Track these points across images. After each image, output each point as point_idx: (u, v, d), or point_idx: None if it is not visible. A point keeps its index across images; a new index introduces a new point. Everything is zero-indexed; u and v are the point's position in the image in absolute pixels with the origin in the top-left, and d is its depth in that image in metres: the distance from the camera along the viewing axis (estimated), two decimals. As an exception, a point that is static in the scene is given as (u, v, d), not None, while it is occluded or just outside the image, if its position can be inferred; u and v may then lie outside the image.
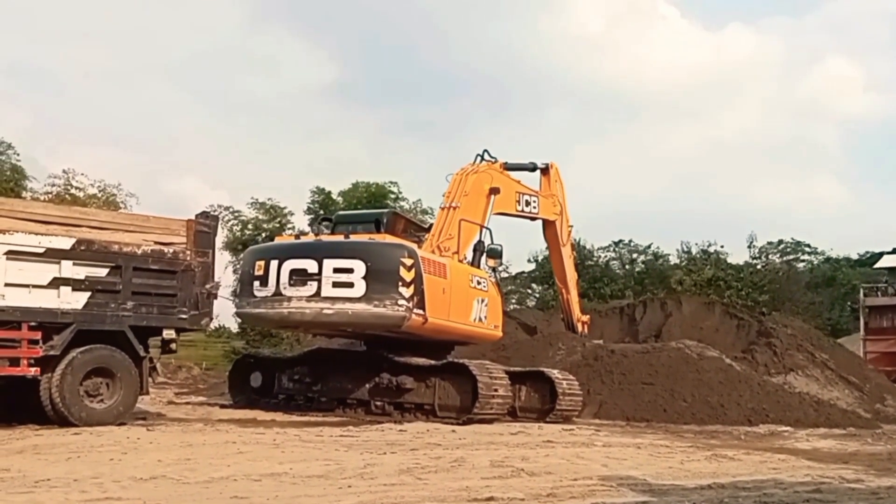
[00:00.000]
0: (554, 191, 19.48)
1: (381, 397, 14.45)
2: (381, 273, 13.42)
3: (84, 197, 30.82)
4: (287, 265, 13.77)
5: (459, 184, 16.51)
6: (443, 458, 8.96)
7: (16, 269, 10.31)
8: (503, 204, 17.23)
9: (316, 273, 13.52)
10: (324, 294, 13.46)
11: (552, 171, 19.53)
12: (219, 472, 7.39)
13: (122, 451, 8.61)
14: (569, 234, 20.50)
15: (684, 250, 37.70)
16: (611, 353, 17.82)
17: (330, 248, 14.03)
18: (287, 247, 14.77)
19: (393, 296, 13.34)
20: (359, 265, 13.41)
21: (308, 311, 13.62)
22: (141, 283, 11.27)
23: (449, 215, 16.05)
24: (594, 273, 36.01)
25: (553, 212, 19.31)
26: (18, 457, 8.02)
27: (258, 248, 16.05)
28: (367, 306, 13.35)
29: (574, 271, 21.15)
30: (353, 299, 13.36)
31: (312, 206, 36.25)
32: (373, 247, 13.83)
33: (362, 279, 13.35)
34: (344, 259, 13.55)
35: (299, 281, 13.60)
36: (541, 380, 14.82)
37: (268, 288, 13.86)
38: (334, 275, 13.44)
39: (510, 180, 17.84)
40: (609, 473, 8.21)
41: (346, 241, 14.09)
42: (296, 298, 13.64)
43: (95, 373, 10.94)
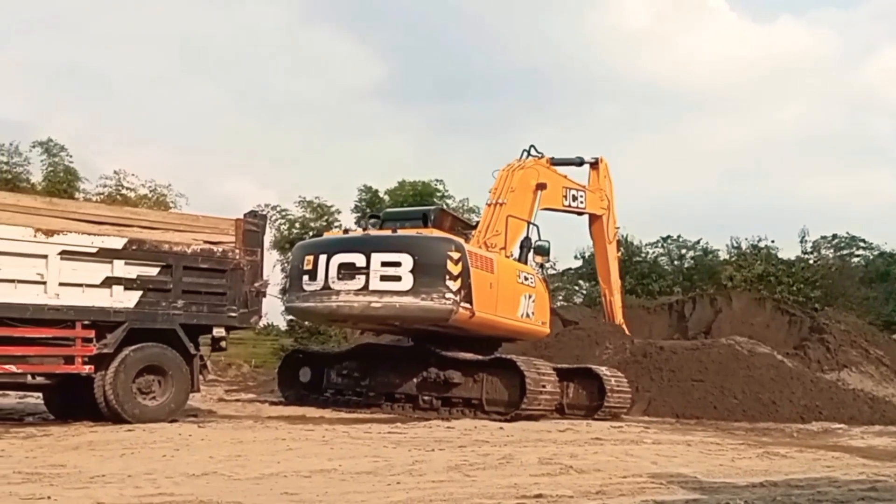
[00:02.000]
0: (602, 186, 19.23)
1: (428, 392, 14.47)
2: (429, 266, 13.42)
3: (135, 197, 31.36)
4: (335, 259, 13.85)
5: (506, 180, 16.41)
6: (491, 455, 8.93)
7: (70, 269, 10.52)
8: (550, 199, 17.11)
9: (364, 267, 13.58)
10: (371, 287, 13.51)
11: (601, 166, 19.27)
12: (269, 468, 7.46)
13: (175, 447, 8.74)
14: (615, 233, 20.19)
15: (734, 246, 37.05)
16: (660, 349, 17.61)
17: (378, 241, 14.09)
18: (335, 241, 14.90)
19: (440, 289, 13.34)
20: (406, 259, 13.43)
21: (356, 305, 13.68)
22: (191, 281, 11.41)
23: (495, 211, 15.98)
24: (642, 269, 35.55)
25: (600, 206, 19.08)
26: (74, 453, 8.18)
27: (307, 242, 16.17)
28: (415, 300, 13.37)
29: (618, 273, 20.70)
30: (400, 293, 13.39)
31: (359, 204, 36.41)
32: (420, 240, 13.85)
33: (410, 273, 13.37)
34: (391, 253, 13.59)
35: (347, 275, 13.68)
36: (589, 377, 14.70)
37: (316, 282, 13.96)
38: (382, 268, 13.49)
39: (557, 175, 17.69)
40: (659, 471, 8.10)
41: (393, 235, 14.14)
42: (344, 292, 13.72)
43: (147, 370, 11.11)
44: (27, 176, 30.58)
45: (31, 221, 10.31)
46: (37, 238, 10.26)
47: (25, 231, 10.21)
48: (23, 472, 6.80)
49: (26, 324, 10.20)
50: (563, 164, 18.26)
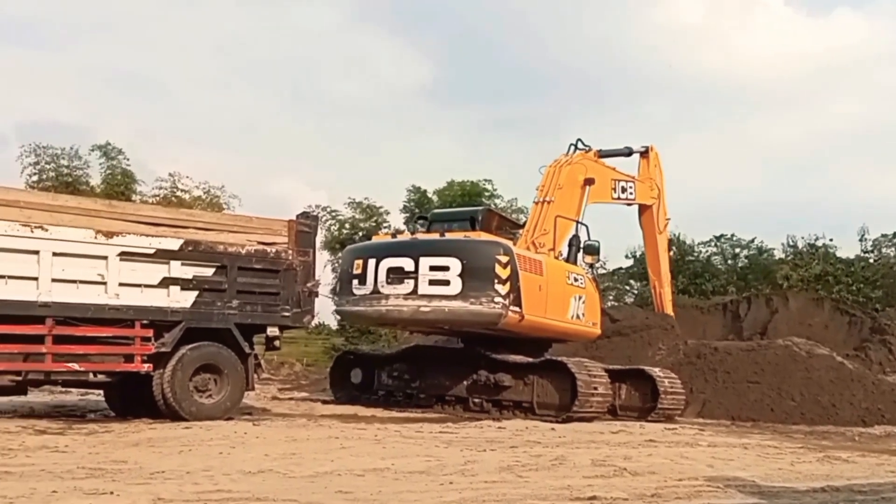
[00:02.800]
0: (652, 175, 18.87)
1: (479, 394, 14.46)
2: (477, 270, 13.42)
3: (189, 199, 31.95)
4: (384, 263, 13.94)
5: (553, 176, 16.22)
6: (543, 456, 8.88)
7: (129, 270, 10.77)
8: (599, 193, 16.86)
9: (412, 271, 13.65)
10: (420, 292, 13.57)
11: (651, 155, 18.92)
12: (323, 466, 7.54)
13: (231, 445, 8.89)
14: (666, 223, 19.78)
15: (790, 244, 36.23)
16: (714, 350, 17.30)
17: (426, 246, 14.13)
18: (384, 245, 14.94)
19: (489, 293, 13.32)
20: (454, 263, 13.45)
21: (405, 309, 13.75)
22: (245, 282, 11.59)
23: (543, 210, 15.84)
24: (695, 268, 34.96)
25: (650, 196, 18.76)
26: (134, 449, 8.37)
27: (356, 247, 16.28)
28: (464, 304, 13.38)
29: (668, 264, 20.37)
30: (449, 297, 13.43)
31: (408, 204, 36.58)
32: (468, 244, 13.84)
33: (458, 277, 13.39)
34: (439, 257, 13.63)
35: (396, 279, 13.76)
36: (641, 378, 14.52)
37: (366, 286, 14.07)
38: (430, 272, 13.54)
39: (605, 168, 17.43)
40: (715, 474, 7.96)
41: (441, 239, 14.15)
42: (393, 296, 13.80)
43: (204, 369, 11.31)
44: (87, 179, 31.40)
45: (91, 223, 10.59)
46: (97, 240, 10.53)
47: (87, 233, 10.49)
48: (86, 468, 6.98)
49: (88, 323, 10.48)
50: (612, 156, 17.95)
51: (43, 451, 7.97)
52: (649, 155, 18.94)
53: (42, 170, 30.52)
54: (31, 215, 10.16)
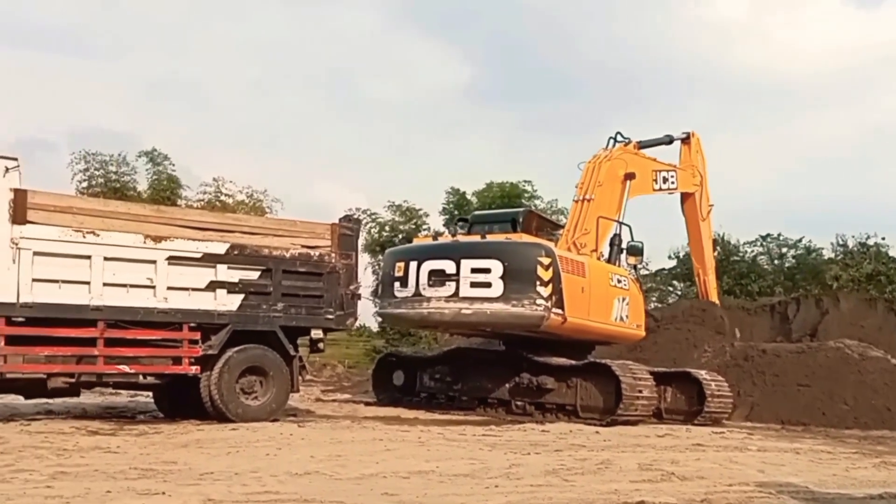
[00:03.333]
0: (694, 161, 18.61)
1: (521, 397, 14.41)
2: (519, 273, 13.37)
3: (233, 203, 32.34)
4: (426, 266, 13.97)
5: (592, 173, 15.99)
6: (588, 459, 8.81)
7: (177, 274, 10.94)
8: (640, 187, 16.66)
9: (454, 273, 13.65)
10: (462, 294, 13.57)
11: (693, 141, 18.66)
12: (368, 468, 7.57)
13: (277, 446, 8.98)
14: (709, 210, 19.39)
15: (840, 243, 35.42)
16: (762, 352, 17.02)
17: (467, 248, 14.11)
18: (425, 248, 14.97)
19: (531, 295, 13.27)
20: (496, 265, 13.42)
21: (447, 312, 13.77)
22: (290, 285, 11.70)
23: (583, 209, 15.65)
24: (740, 269, 34.35)
25: (692, 183, 18.49)
26: (183, 450, 8.49)
27: (397, 249, 16.35)
28: (506, 306, 13.34)
29: (711, 251, 20.04)
30: (490, 299, 13.40)
31: (447, 206, 36.57)
32: (509, 246, 13.80)
33: (500, 279, 13.35)
34: (481, 259, 13.61)
35: (438, 281, 13.78)
36: (687, 381, 14.35)
37: (408, 289, 14.11)
38: (472, 275, 13.53)
39: (645, 160, 17.17)
40: (766, 479, 7.82)
41: (482, 242, 14.12)
42: (435, 299, 13.83)
43: (250, 371, 11.44)
44: (134, 184, 31.94)
45: (141, 228, 10.78)
46: (146, 244, 10.72)
47: (136, 238, 10.68)
48: (138, 468, 7.10)
49: (137, 326, 10.66)
50: (652, 146, 17.68)
51: (96, 452, 8.14)
52: (690, 141, 18.67)
53: (91, 176, 31.17)
54: (83, 221, 10.39)
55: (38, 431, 9.62)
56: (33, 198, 10.14)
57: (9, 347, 9.96)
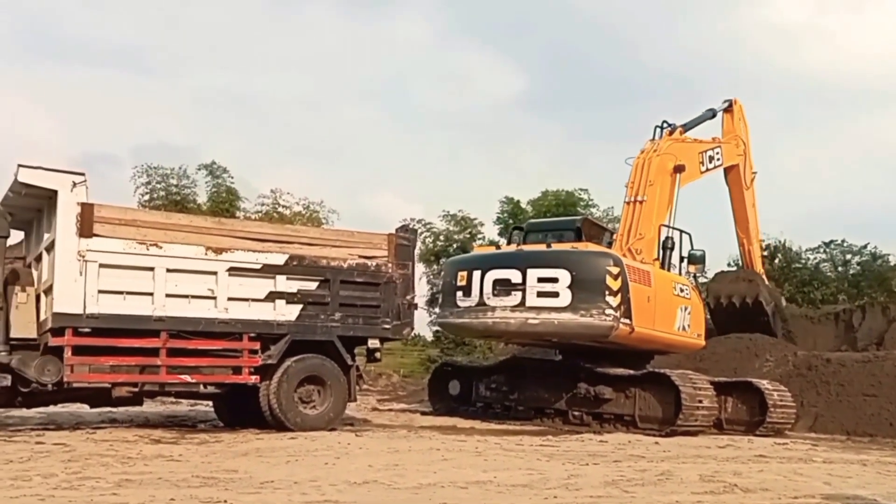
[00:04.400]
0: (737, 130, 18.13)
1: (578, 407, 14.26)
2: (587, 282, 13.24)
3: (290, 214, 32.75)
4: (490, 275, 13.81)
5: (642, 171, 15.56)
6: (648, 470, 8.68)
7: (237, 285, 11.15)
8: (689, 175, 16.12)
9: (520, 283, 13.50)
10: (528, 304, 13.41)
11: (736, 108, 18.19)
12: (426, 478, 7.58)
13: (335, 455, 9.05)
14: (752, 178, 18.87)
15: (907, 249, 34.43)
16: (826, 362, 16.56)
17: (533, 257, 13.93)
18: (490, 257, 14.80)
19: (600, 305, 13.14)
20: (563, 274, 13.28)
21: (513, 322, 13.60)
22: (347, 295, 11.82)
23: (636, 211, 15.30)
24: (802, 276, 33.51)
25: (737, 154, 17.99)
26: (244, 459, 8.63)
27: (460, 258, 16.24)
28: (574, 316, 13.20)
29: (756, 221, 19.47)
30: (558, 309, 13.24)
31: (501, 215, 36.46)
32: (578, 256, 13.66)
33: (567, 288, 13.20)
34: (548, 268, 13.45)
35: (503, 291, 13.62)
36: (749, 391, 14.04)
37: (471, 298, 13.98)
38: (538, 284, 13.37)
39: (690, 145, 16.63)
40: (833, 492, 7.61)
41: (549, 251, 13.96)
42: (500, 308, 13.67)
43: (308, 381, 11.57)
44: (194, 197, 32.58)
45: (202, 240, 11.02)
46: (207, 256, 10.96)
47: (198, 249, 10.93)
48: (200, 476, 7.24)
49: (199, 336, 10.88)
50: (697, 125, 17.14)
51: (159, 460, 8.32)
52: (733, 109, 18.18)
53: (153, 189, 31.86)
54: (146, 234, 10.66)
55: (103, 440, 9.88)
56: (99, 211, 10.44)
57: (75, 357, 10.25)
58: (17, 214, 11.14)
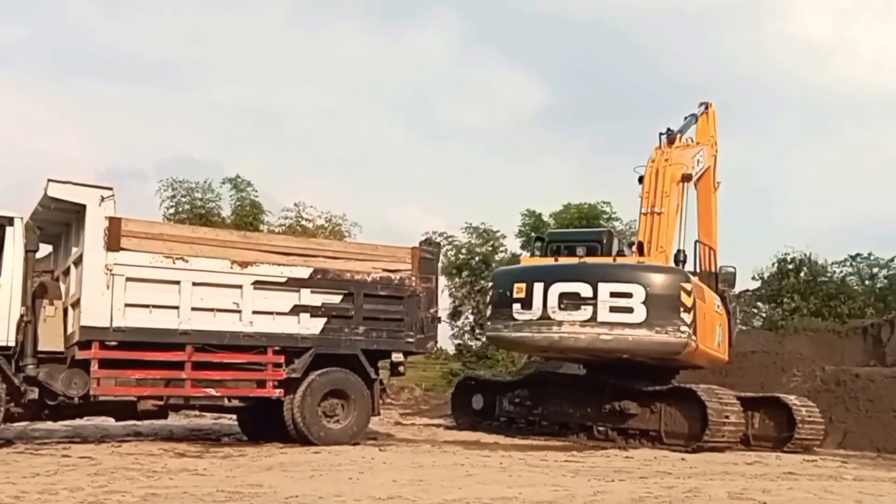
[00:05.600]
0: (711, 130, 17.83)
1: (603, 422, 14.13)
2: (662, 299, 13.10)
3: (313, 227, 32.83)
4: (555, 288, 13.42)
5: (656, 182, 15.21)
6: (675, 487, 8.56)
7: (261, 298, 11.19)
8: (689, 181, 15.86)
9: (590, 297, 13.18)
10: (600, 319, 13.12)
11: (711, 112, 17.87)
12: (451, 494, 7.52)
13: (359, 470, 9.01)
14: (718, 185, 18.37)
15: (934, 262, 33.94)
16: (855, 377, 16.35)
17: (605, 271, 13.65)
18: (554, 269, 14.17)
19: (675, 322, 13.02)
20: (638, 290, 13.08)
21: (583, 337, 13.26)
22: (371, 308, 11.83)
23: (654, 223, 14.92)
24: (828, 290, 33.14)
25: (711, 155, 17.67)
26: (268, 473, 8.61)
27: (517, 269, 15.43)
28: (649, 332, 13.02)
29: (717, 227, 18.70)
30: (632, 325, 13.02)
31: (523, 228, 36.37)
32: (652, 271, 13.54)
33: (642, 304, 13.01)
34: (622, 283, 13.22)
35: (571, 305, 13.26)
36: (776, 406, 13.85)
37: (532, 311, 13.53)
38: (611, 299, 13.11)
39: (688, 151, 16.27)
40: (866, 511, 7.47)
41: (623, 265, 13.77)
42: (568, 323, 13.29)
43: (332, 394, 11.58)
44: (218, 210, 32.76)
45: (227, 254, 11.08)
46: (233, 269, 11.02)
47: (223, 263, 10.99)
48: (225, 491, 7.23)
49: (224, 350, 10.93)
50: (686, 131, 16.77)
51: (184, 474, 8.32)
52: (709, 111, 17.87)
53: (178, 203, 32.05)
54: (173, 247, 10.73)
55: (129, 453, 9.92)
56: (126, 225, 10.53)
57: (102, 371, 10.33)
58: (46, 228, 11.25)
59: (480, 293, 34.16)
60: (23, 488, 7.08)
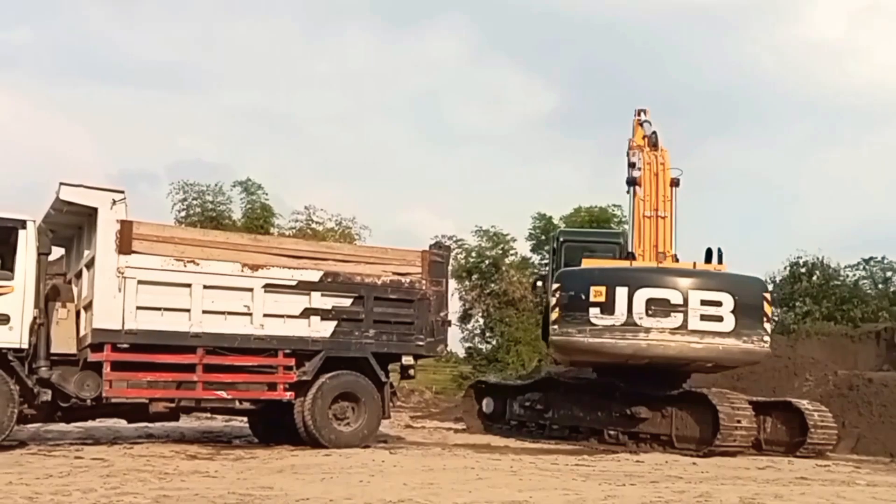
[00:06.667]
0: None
1: (614, 426, 14.06)
2: (748, 307, 13.13)
3: (323, 230, 32.88)
4: (641, 293, 13.06)
5: (656, 186, 14.92)
6: (686, 492, 8.52)
7: (272, 301, 11.23)
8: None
9: (681, 304, 12.94)
10: (691, 327, 12.94)
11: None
12: (461, 497, 7.52)
13: (370, 473, 9.02)
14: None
15: (949, 266, 33.70)
16: (868, 382, 16.20)
17: (695, 278, 13.48)
18: (639, 273, 13.69)
19: (759, 331, 13.15)
20: (727, 298, 13.02)
21: (673, 345, 13.01)
22: (381, 311, 11.84)
23: (658, 227, 14.69)
24: (842, 293, 32.94)
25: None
26: (279, 476, 8.62)
27: (589, 271, 14.07)
28: (737, 342, 13.02)
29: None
30: (722, 334, 12.95)
31: (534, 231, 36.38)
32: (740, 279, 13.58)
33: (731, 313, 12.96)
34: (712, 291, 13.10)
35: (660, 311, 12.96)
36: (788, 410, 13.74)
37: (614, 317, 13.07)
38: (702, 307, 12.96)
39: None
40: (879, 517, 7.41)
41: (713, 273, 13.70)
42: (656, 330, 12.97)
43: (342, 397, 11.60)
44: (229, 213, 32.85)
45: (238, 257, 11.13)
46: (244, 273, 11.06)
47: (234, 266, 11.04)
48: (236, 493, 7.24)
49: (235, 353, 10.97)
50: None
51: (195, 476, 8.35)
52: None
53: (189, 206, 32.15)
54: (184, 251, 10.78)
55: (141, 455, 9.97)
56: (138, 228, 10.59)
57: (114, 373, 10.39)
58: (59, 231, 11.33)
59: (490, 296, 34.30)
60: (36, 489, 7.12)
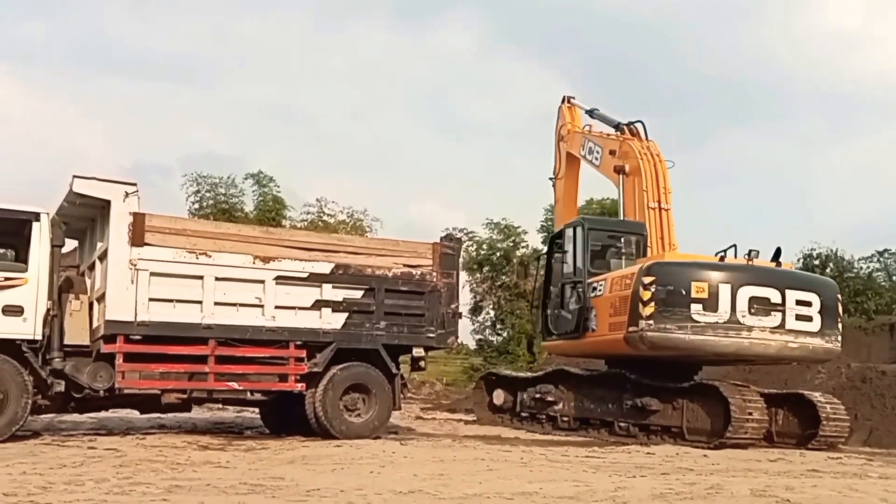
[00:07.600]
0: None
1: (625, 419, 14.06)
2: (830, 308, 13.35)
3: (334, 223, 32.96)
4: (744, 291, 12.95)
5: (657, 177, 15.05)
6: (697, 484, 8.51)
7: (284, 293, 11.28)
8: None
9: (779, 304, 13.02)
10: (788, 327, 13.06)
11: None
12: (472, 488, 7.53)
13: (381, 464, 9.05)
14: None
15: (963, 258, 33.46)
16: (881, 374, 16.13)
17: (790, 278, 13.73)
18: (744, 271, 13.35)
19: (836, 331, 13.34)
20: (815, 299, 13.21)
21: (773, 344, 13.07)
22: (392, 303, 11.89)
23: (664, 219, 14.84)
24: (855, 286, 32.75)
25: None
26: (290, 466, 8.67)
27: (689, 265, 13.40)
28: (822, 342, 13.20)
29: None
30: (811, 333, 13.15)
31: (545, 224, 36.33)
32: (822, 281, 14.25)
33: (818, 313, 13.19)
34: (805, 291, 13.31)
35: (762, 310, 12.94)
36: (800, 403, 13.69)
37: (717, 314, 12.89)
38: (797, 307, 13.12)
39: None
40: (891, 510, 7.39)
41: (804, 274, 14.30)
42: (758, 329, 12.94)
43: (353, 389, 11.66)
44: (241, 206, 32.97)
45: (250, 249, 11.18)
46: (255, 265, 11.13)
47: (246, 258, 11.09)
48: (248, 483, 7.29)
49: (246, 344, 11.03)
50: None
51: (207, 466, 8.41)
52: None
53: (202, 198, 32.31)
54: (196, 243, 10.84)
55: (153, 445, 10.05)
56: (150, 221, 10.66)
57: (126, 364, 10.47)
58: (72, 224, 11.40)
59: (501, 288, 34.32)
60: (50, 479, 7.19)
